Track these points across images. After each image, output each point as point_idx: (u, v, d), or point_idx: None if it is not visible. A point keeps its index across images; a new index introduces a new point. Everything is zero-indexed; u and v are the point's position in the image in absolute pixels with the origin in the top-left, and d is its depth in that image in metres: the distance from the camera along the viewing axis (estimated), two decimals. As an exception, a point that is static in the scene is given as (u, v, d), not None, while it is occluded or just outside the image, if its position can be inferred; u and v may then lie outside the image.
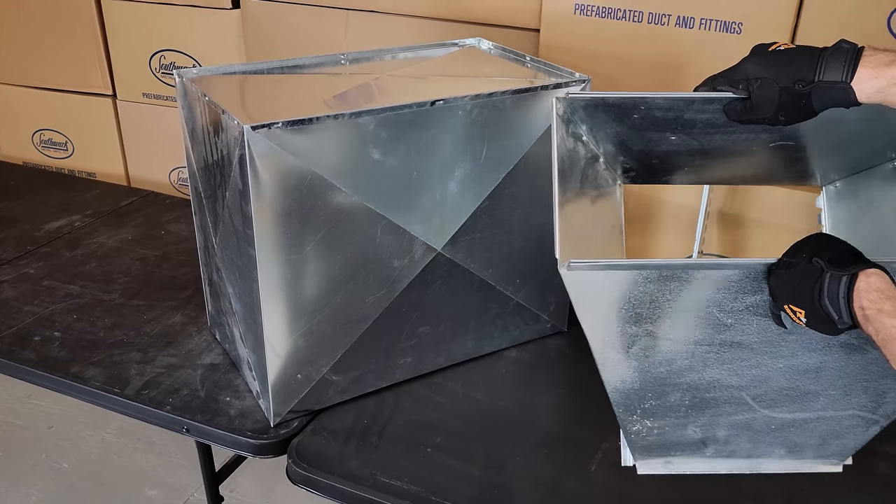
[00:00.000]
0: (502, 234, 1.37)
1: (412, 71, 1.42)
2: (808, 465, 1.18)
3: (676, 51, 1.47)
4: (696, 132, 1.07)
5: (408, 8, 1.74)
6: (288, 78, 1.36)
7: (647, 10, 1.47)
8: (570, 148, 1.07)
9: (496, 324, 1.45)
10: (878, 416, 1.09)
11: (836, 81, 0.90)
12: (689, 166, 1.21)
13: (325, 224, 1.18)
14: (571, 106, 1.04)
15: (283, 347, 1.23)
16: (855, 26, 1.35)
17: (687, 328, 1.03)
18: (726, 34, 1.43)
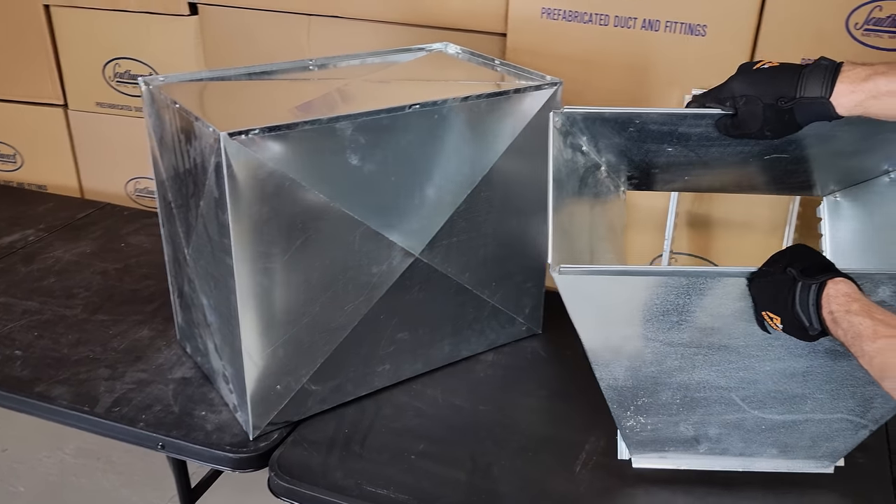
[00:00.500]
0: (478, 237, 1.36)
1: (383, 76, 1.41)
2: (799, 465, 1.21)
3: (643, 53, 1.49)
4: (692, 144, 1.11)
5: (371, 13, 1.72)
6: (258, 84, 1.34)
7: (614, 14, 1.49)
8: (568, 158, 1.10)
9: (473, 328, 1.45)
10: (867, 421, 1.12)
11: (817, 97, 0.95)
12: (689, 175, 1.24)
13: (304, 231, 1.16)
14: (570, 119, 1.07)
15: (261, 358, 1.21)
16: (814, 27, 1.39)
17: (675, 331, 1.05)
18: (691, 36, 1.45)
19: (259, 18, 1.82)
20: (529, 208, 1.43)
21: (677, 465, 1.23)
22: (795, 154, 1.12)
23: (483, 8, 1.62)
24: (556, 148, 1.06)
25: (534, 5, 1.54)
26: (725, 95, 1.02)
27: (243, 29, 1.84)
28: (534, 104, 1.32)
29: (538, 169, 1.39)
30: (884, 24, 1.35)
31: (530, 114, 1.32)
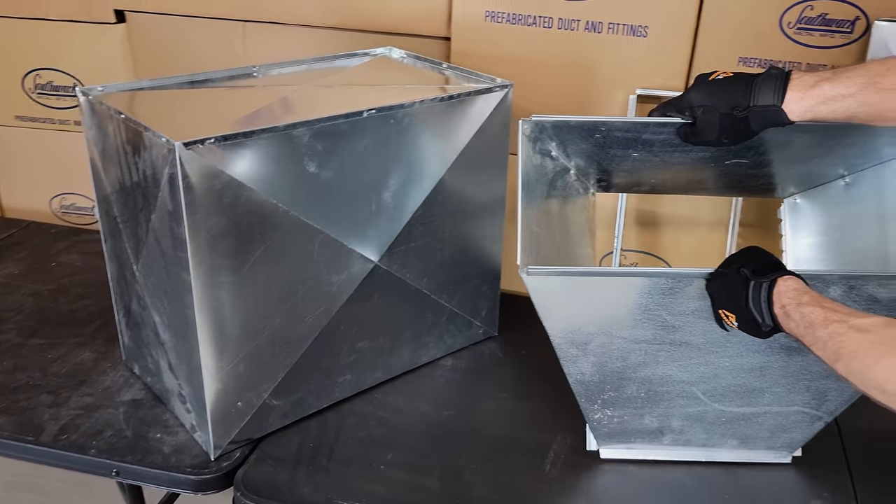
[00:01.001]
0: (436, 242, 1.36)
1: (331, 81, 1.39)
2: (759, 455, 1.24)
3: (587, 54, 1.51)
4: (656, 150, 1.14)
5: (309, 18, 1.69)
6: (203, 92, 1.29)
7: (557, 16, 1.50)
8: (538, 163, 1.12)
9: (431, 333, 1.44)
10: (822, 413, 1.16)
11: (769, 105, 1.00)
12: (655, 178, 1.27)
13: (262, 242, 1.13)
14: (538, 125, 1.09)
15: (221, 374, 1.17)
16: (750, 27, 1.44)
17: (638, 329, 1.08)
18: (633, 37, 1.48)
19: (191, 25, 1.76)
20: (484, 211, 1.43)
21: (644, 456, 1.25)
22: (755, 159, 1.16)
23: (425, 12, 1.62)
24: (526, 154, 1.08)
25: (478, 8, 1.54)
26: (684, 105, 1.07)
27: (175, 36, 1.78)
28: (486, 107, 1.32)
29: (492, 171, 1.41)
30: (815, 23, 1.41)
31: (483, 116, 1.32)
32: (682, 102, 1.08)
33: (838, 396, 1.14)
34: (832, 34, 1.41)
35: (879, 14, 1.37)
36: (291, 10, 1.69)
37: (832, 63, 1.42)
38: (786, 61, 1.44)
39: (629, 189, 1.33)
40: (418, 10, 1.62)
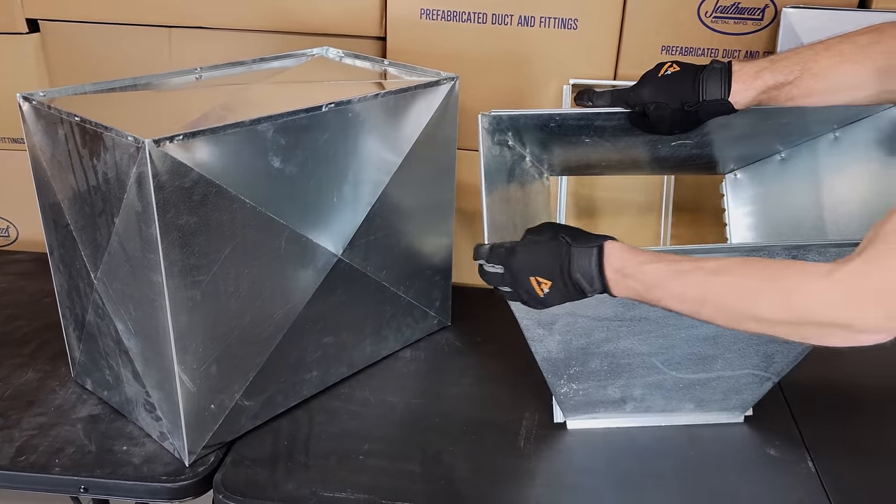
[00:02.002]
0: (393, 234, 1.38)
1: (279, 80, 1.39)
2: (714, 416, 1.33)
3: (521, 48, 1.57)
4: (607, 135, 1.20)
5: (238, 22, 1.68)
6: (151, 94, 1.27)
7: (491, 12, 1.56)
8: (496, 154, 1.15)
9: (390, 325, 1.46)
10: (770, 374, 1.25)
11: (717, 99, 1.08)
12: (606, 161, 1.33)
13: (232, 239, 1.13)
14: (496, 119, 1.12)
15: (195, 377, 1.15)
16: (671, 17, 1.53)
17: (601, 308, 1.13)
18: (564, 30, 1.55)
19: (112, 33, 1.72)
20: (436, 202, 1.46)
21: (608, 424, 1.32)
22: (698, 140, 1.24)
23: (357, 12, 1.63)
24: (486, 146, 1.12)
25: (412, 7, 1.58)
26: (636, 101, 1.13)
27: (95, 45, 1.73)
28: (435, 99, 1.36)
29: (441, 164, 1.44)
30: (729, 12, 1.52)
31: (433, 109, 1.36)
32: (634, 99, 1.13)
33: (784, 358, 1.22)
34: (745, 21, 1.52)
35: (786, 2, 1.49)
36: (219, 14, 1.68)
37: (746, 48, 1.54)
38: (704, 48, 1.55)
39: (581, 172, 1.40)
40: (350, 10, 1.64)
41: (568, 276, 0.96)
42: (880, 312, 0.79)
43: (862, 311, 0.79)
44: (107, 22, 1.71)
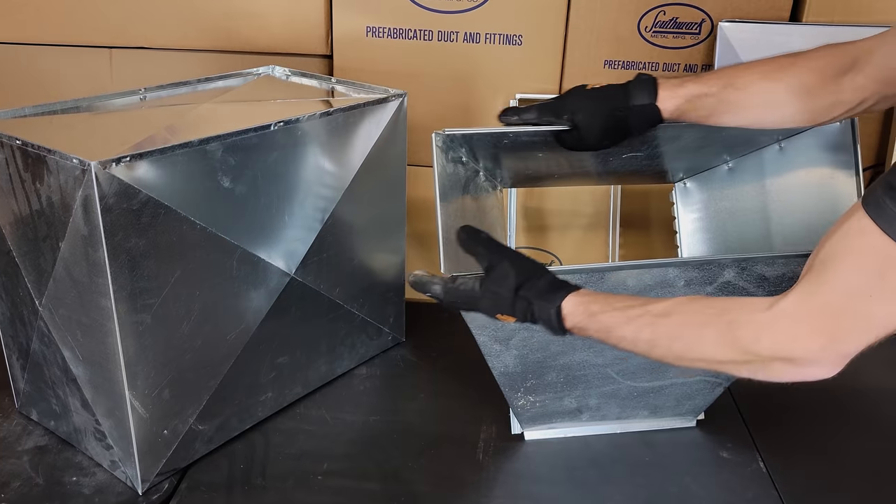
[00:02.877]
0: (345, 251, 1.38)
1: (225, 99, 1.38)
2: (667, 422, 1.35)
3: (467, 64, 1.59)
4: (559, 149, 1.20)
5: (182, 42, 1.67)
6: (94, 116, 1.25)
7: (437, 29, 1.57)
8: (450, 172, 1.15)
9: (345, 343, 1.45)
10: (721, 380, 1.28)
11: (646, 104, 1.09)
12: (559, 174, 1.34)
13: (182, 261, 1.11)
14: (449, 137, 1.12)
15: (146, 402, 1.13)
16: (612, 32, 1.57)
17: None
18: (509, 46, 1.57)
19: (51, 54, 1.68)
20: (387, 218, 1.46)
21: (565, 433, 1.33)
22: (648, 152, 1.26)
23: (302, 31, 1.64)
24: (440, 164, 1.11)
25: (358, 25, 1.58)
26: (564, 110, 1.11)
27: (33, 67, 1.69)
28: (384, 116, 1.36)
29: (392, 180, 1.45)
30: (668, 27, 1.56)
31: (381, 126, 1.36)
32: (563, 108, 1.11)
33: None
34: (683, 36, 1.57)
35: (722, 16, 1.54)
36: (161, 33, 1.66)
37: (685, 62, 1.58)
38: (645, 61, 1.59)
39: (534, 183, 1.41)
40: (295, 29, 1.64)
41: (532, 322, 0.99)
42: (818, 343, 0.81)
43: (801, 343, 0.81)
44: (44, 43, 1.67)
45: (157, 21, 1.64)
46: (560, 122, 1.11)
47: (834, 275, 0.80)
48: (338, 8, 1.58)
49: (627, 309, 0.93)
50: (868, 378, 1.48)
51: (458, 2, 1.55)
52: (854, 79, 1.05)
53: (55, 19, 1.65)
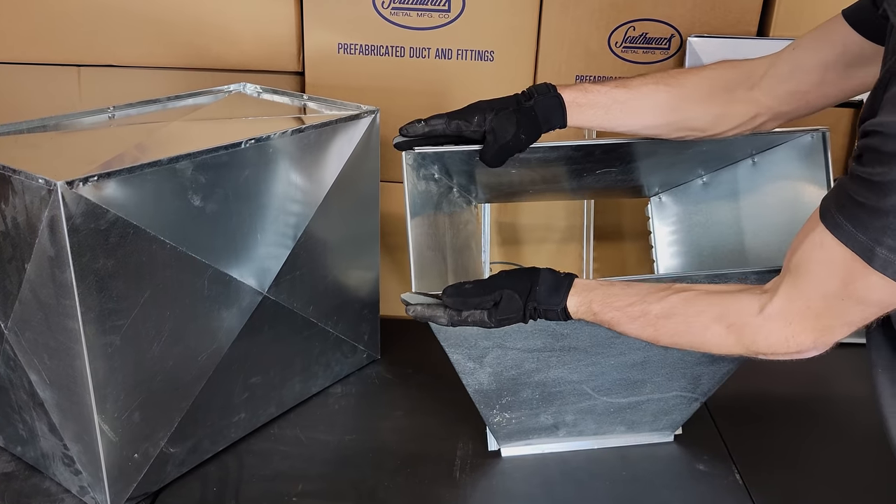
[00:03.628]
0: (319, 269, 1.37)
1: (196, 117, 1.36)
2: (644, 437, 1.35)
3: (439, 79, 1.59)
4: (532, 166, 1.21)
5: (151, 59, 1.65)
6: (62, 135, 1.23)
7: (409, 45, 1.57)
8: (422, 189, 1.14)
9: (319, 362, 1.44)
10: (697, 395, 1.28)
11: (549, 94, 1.09)
12: (534, 189, 1.35)
13: (152, 282, 1.09)
14: (420, 154, 1.11)
15: (116, 426, 1.11)
16: (583, 48, 1.58)
17: (530, 340, 1.14)
18: (481, 61, 1.58)
19: (17, 73, 1.66)
20: (361, 235, 1.46)
21: (542, 450, 1.32)
22: (622, 168, 1.27)
23: (274, 48, 1.63)
24: (411, 183, 1.10)
25: (330, 42, 1.58)
26: (475, 113, 1.08)
27: (-1, 85, 1.67)
28: (356, 132, 1.36)
29: (365, 196, 1.44)
30: (637, 42, 1.58)
31: (354, 142, 1.36)
32: (471, 111, 1.08)
33: (710, 379, 1.26)
34: (653, 50, 1.58)
35: (690, 31, 1.56)
36: (131, 51, 1.65)
37: (656, 77, 1.60)
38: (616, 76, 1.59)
39: (509, 198, 1.41)
40: (266, 46, 1.63)
41: (535, 321, 1.03)
42: (810, 339, 0.88)
43: (795, 341, 0.89)
44: (11, 62, 1.65)
45: (127, 38, 1.63)
46: (470, 125, 1.08)
47: (808, 280, 0.86)
48: (309, 25, 1.58)
49: (627, 307, 0.98)
50: (840, 387, 1.50)
51: (430, 18, 1.56)
52: (747, 94, 1.10)
53: (22, 37, 1.63)
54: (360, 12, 1.56)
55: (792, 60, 1.06)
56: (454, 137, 1.10)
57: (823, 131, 1.19)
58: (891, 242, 0.76)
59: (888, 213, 0.75)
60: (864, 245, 0.77)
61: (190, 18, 1.61)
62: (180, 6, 1.60)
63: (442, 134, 1.09)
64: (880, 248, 0.76)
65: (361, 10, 1.56)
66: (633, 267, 1.68)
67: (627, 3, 1.55)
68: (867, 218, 0.77)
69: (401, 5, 1.55)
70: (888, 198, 0.74)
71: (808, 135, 1.21)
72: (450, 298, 1.01)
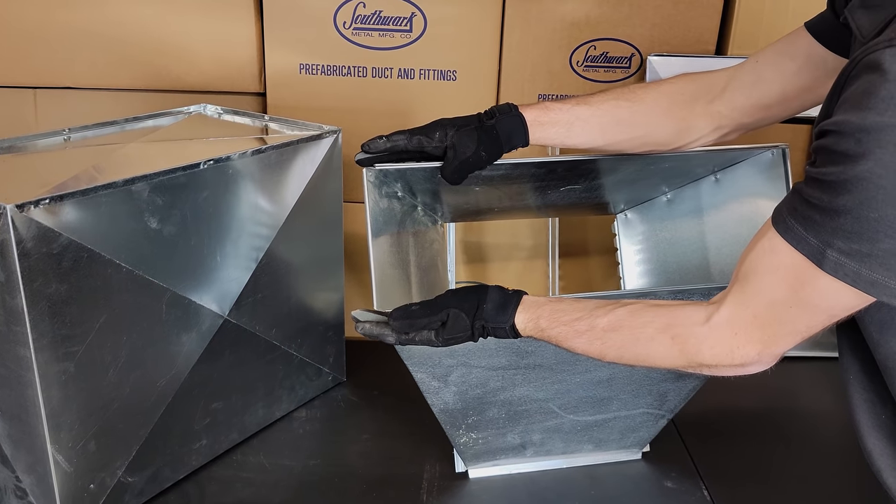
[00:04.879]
0: (282, 291, 1.35)
1: (154, 138, 1.34)
2: (612, 455, 1.35)
3: (402, 99, 1.58)
4: (495, 183, 1.20)
5: (110, 81, 1.63)
6: (18, 157, 1.21)
7: (371, 66, 1.57)
8: (385, 207, 1.13)
9: (283, 386, 1.41)
10: (664, 411, 1.28)
11: (511, 113, 1.09)
12: (499, 207, 1.34)
13: (107, 306, 1.07)
14: (382, 172, 1.09)
15: (71, 456, 1.07)
16: (545, 67, 1.59)
17: (494, 357, 1.13)
18: (444, 81, 1.58)
19: (-31, 95, 1.63)
20: (324, 256, 1.44)
21: (510, 470, 1.31)
22: (586, 185, 1.27)
23: (234, 69, 1.62)
24: (373, 200, 1.09)
25: (291, 63, 1.57)
26: (437, 130, 1.07)
27: (-51, 108, 1.63)
28: (318, 153, 1.35)
29: (328, 217, 1.43)
30: (599, 61, 1.59)
31: (316, 163, 1.35)
32: (433, 128, 1.08)
33: (677, 396, 1.25)
34: (614, 69, 1.60)
35: (650, 50, 1.57)
36: (88, 73, 1.62)
37: (617, 95, 1.61)
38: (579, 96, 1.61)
39: (474, 217, 1.40)
40: (227, 67, 1.62)
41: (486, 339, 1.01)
42: (755, 350, 0.86)
43: (740, 352, 0.86)
44: (-39, 85, 1.62)
45: (85, 60, 1.61)
46: (432, 140, 1.07)
47: (756, 288, 0.84)
48: (270, 45, 1.57)
49: (574, 322, 0.95)
50: (804, 401, 1.50)
51: (392, 39, 1.56)
52: (708, 107, 1.11)
53: (-25, 59, 1.60)
54: (321, 33, 1.55)
55: (754, 72, 1.07)
56: (416, 154, 1.09)
57: (783, 148, 1.20)
58: (842, 245, 0.74)
59: (841, 214, 0.73)
60: (814, 248, 0.76)
61: (150, 39, 1.59)
62: (140, 27, 1.58)
63: (404, 150, 1.08)
64: (831, 250, 0.75)
65: (323, 30, 1.55)
66: (599, 284, 1.69)
67: (588, 23, 1.57)
68: (819, 219, 0.75)
69: (362, 26, 1.55)
70: (840, 197, 0.73)
71: (768, 151, 1.22)
72: (397, 321, 0.99)
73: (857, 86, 0.73)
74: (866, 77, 0.72)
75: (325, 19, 1.55)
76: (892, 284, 0.74)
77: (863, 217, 0.72)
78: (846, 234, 0.74)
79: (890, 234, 0.72)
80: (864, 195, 0.71)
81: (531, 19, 1.56)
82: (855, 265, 0.74)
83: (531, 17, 1.56)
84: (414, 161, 1.09)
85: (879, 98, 0.70)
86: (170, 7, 1.57)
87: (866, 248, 0.73)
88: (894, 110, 0.69)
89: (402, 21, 1.55)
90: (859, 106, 0.71)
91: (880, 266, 0.74)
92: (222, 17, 1.58)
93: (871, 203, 0.71)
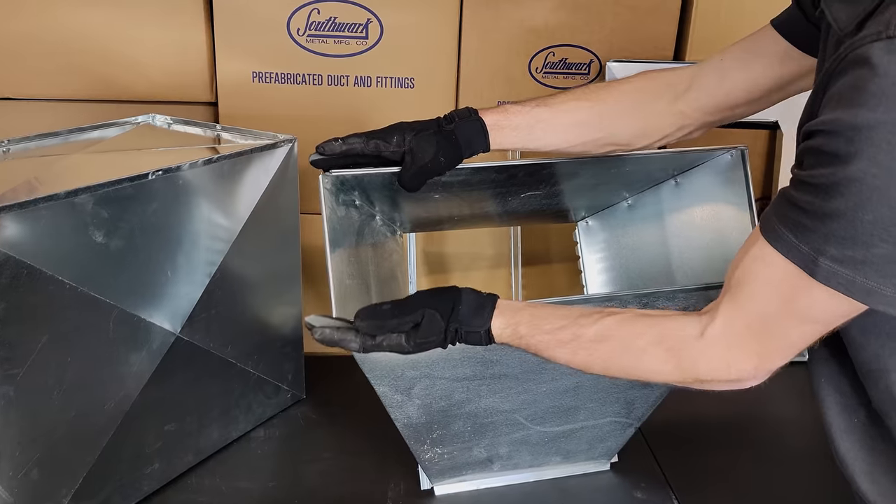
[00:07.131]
0: (237, 306, 1.30)
1: (99, 149, 1.29)
2: (581, 467, 1.32)
3: (359, 107, 1.55)
4: (455, 190, 1.17)
5: (54, 91, 1.56)
6: (-52, 170, 1.14)
7: (326, 73, 1.53)
8: (342, 215, 1.09)
9: (240, 405, 1.36)
10: (632, 420, 1.26)
11: (470, 118, 1.06)
12: (460, 216, 1.31)
13: (50, 325, 1.01)
14: (339, 178, 1.05)
15: (12, 486, 1.01)
16: (504, 74, 1.57)
17: (458, 367, 1.09)
18: (402, 89, 1.55)
19: None
20: (280, 270, 1.40)
21: (476, 486, 1.28)
22: (547, 191, 1.25)
23: (184, 77, 1.56)
24: (329, 208, 1.04)
25: (243, 71, 1.53)
26: (393, 133, 1.04)
27: None
28: (273, 163, 1.30)
29: (284, 229, 1.38)
30: (557, 67, 1.58)
31: (271, 173, 1.30)
32: (391, 131, 1.04)
33: (644, 403, 1.23)
34: (573, 76, 1.58)
35: (609, 56, 1.56)
36: (31, 83, 1.55)
37: (577, 101, 1.59)
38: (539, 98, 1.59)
39: (434, 227, 1.37)
40: (176, 75, 1.56)
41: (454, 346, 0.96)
42: (751, 364, 0.83)
43: (736, 366, 0.84)
44: None
45: (27, 69, 1.54)
46: (389, 144, 1.04)
47: (749, 300, 0.81)
48: (221, 53, 1.53)
49: (557, 332, 0.91)
50: (772, 408, 1.50)
51: (347, 46, 1.52)
52: (671, 106, 1.09)
53: None
54: (274, 40, 1.51)
55: (719, 71, 1.05)
56: (373, 158, 1.05)
57: (742, 149, 1.20)
58: (835, 252, 0.70)
59: (833, 218, 0.70)
60: (806, 256, 0.73)
61: (95, 47, 1.53)
62: (84, 34, 1.52)
63: (360, 153, 1.04)
64: (823, 258, 0.71)
65: (276, 37, 1.51)
66: (563, 292, 1.67)
67: (546, 30, 1.55)
68: (811, 224, 0.72)
69: (317, 32, 1.51)
70: (833, 200, 0.69)
71: (727, 153, 1.21)
72: (364, 322, 0.93)
73: (844, 82, 0.70)
74: (854, 73, 0.69)
75: (278, 26, 1.51)
76: (888, 292, 0.71)
77: (857, 220, 0.69)
78: (839, 239, 0.70)
79: (885, 238, 0.68)
80: (858, 197, 0.68)
81: (489, 26, 1.54)
82: (849, 273, 0.71)
83: (489, 23, 1.54)
84: (371, 166, 1.06)
85: (870, 93, 0.66)
86: (117, 14, 1.52)
87: (860, 255, 0.70)
88: (886, 106, 0.66)
89: (358, 28, 1.52)
90: (849, 103, 0.68)
91: (875, 273, 0.70)
92: (172, 24, 1.53)
93: (865, 205, 0.68)
